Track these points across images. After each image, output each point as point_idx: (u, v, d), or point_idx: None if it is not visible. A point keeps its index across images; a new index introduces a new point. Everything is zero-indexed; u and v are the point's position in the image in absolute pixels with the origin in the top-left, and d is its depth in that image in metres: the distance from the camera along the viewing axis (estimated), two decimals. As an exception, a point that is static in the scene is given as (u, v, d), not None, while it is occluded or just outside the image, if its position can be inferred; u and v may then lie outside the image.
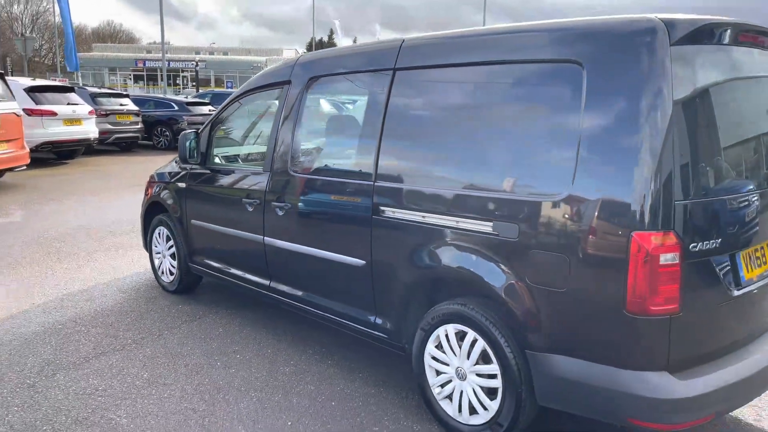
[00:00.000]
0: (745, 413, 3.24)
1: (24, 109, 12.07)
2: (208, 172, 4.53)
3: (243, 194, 4.10)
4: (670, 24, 2.40)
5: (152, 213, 5.23)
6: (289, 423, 3.13)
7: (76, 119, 13.10)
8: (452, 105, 3.06)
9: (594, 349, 2.51)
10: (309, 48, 79.97)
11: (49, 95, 12.99)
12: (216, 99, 20.92)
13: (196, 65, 42.27)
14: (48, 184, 10.74)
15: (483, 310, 2.81)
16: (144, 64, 54.23)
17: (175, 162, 4.96)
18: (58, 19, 64.11)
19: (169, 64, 49.82)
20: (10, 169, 10.37)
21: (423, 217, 3.02)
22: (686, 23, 2.43)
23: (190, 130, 4.62)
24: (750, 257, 2.71)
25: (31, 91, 12.61)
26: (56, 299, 4.90)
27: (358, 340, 3.60)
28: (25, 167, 10.59)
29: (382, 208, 3.20)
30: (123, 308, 4.74)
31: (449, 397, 3.03)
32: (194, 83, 49.19)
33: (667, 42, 2.37)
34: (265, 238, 3.96)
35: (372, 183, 3.26)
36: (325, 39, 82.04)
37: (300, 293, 3.84)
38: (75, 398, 3.35)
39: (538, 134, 2.67)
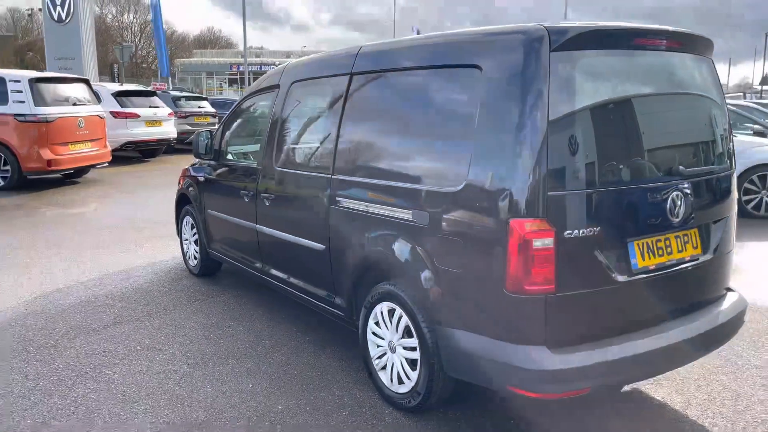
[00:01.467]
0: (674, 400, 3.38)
1: (111, 112, 13.34)
2: (220, 167, 5.08)
3: (243, 186, 4.60)
4: (553, 31, 2.65)
5: (181, 204, 5.86)
6: (251, 386, 3.58)
7: (156, 121, 14.26)
8: (385, 106, 3.41)
9: (484, 325, 2.79)
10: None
11: (133, 99, 14.23)
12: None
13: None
14: (125, 179, 11.83)
15: (405, 290, 3.14)
16: (238, 68, 56.92)
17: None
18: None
19: (260, 68, 52.09)
20: (94, 166, 11.52)
21: (366, 206, 3.38)
22: (567, 30, 2.66)
23: (204, 129, 5.19)
24: (648, 246, 2.89)
25: (117, 95, 13.88)
26: (98, 277, 5.62)
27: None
28: (107, 164, 11.73)
29: (338, 198, 3.58)
30: (150, 287, 5.37)
31: (384, 368, 3.38)
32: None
33: (548, 48, 2.62)
34: (257, 225, 4.44)
35: (330, 176, 3.65)
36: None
37: (282, 275, 4.30)
38: (84, 357, 3.95)
39: (446, 132, 2.98)
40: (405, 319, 3.17)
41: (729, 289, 3.43)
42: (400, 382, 3.26)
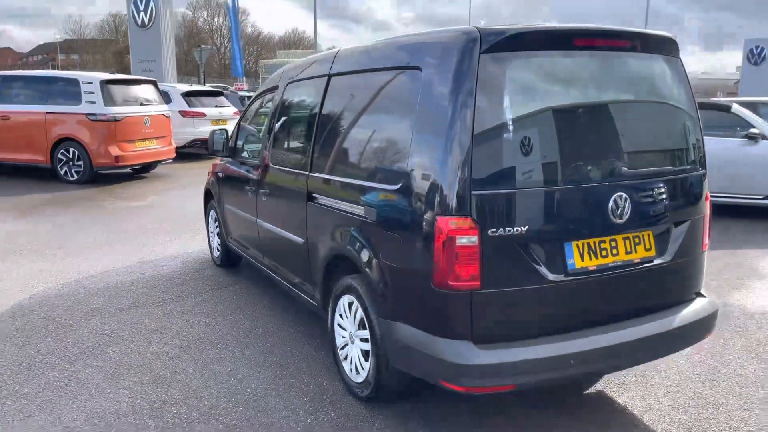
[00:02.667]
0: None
1: (179, 111, 14.10)
2: (234, 164, 5.37)
3: (248, 182, 4.86)
4: (485, 33, 2.70)
5: (207, 199, 6.22)
6: (230, 369, 3.81)
7: (222, 119, 14.93)
8: (349, 107, 3.55)
9: (419, 318, 2.88)
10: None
11: (201, 99, 14.96)
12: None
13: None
14: (187, 175, 12.49)
15: (360, 283, 3.27)
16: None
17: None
18: (250, 29, 70.57)
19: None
20: (159, 162, 12.24)
21: (334, 203, 3.53)
22: (499, 32, 2.71)
23: (219, 128, 5.50)
24: (589, 247, 2.88)
25: (186, 95, 14.64)
26: (131, 265, 6.05)
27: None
28: (171, 160, 12.43)
29: (314, 195, 3.75)
30: (173, 275, 5.74)
31: (346, 358, 3.52)
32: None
33: (479, 50, 2.68)
34: (258, 219, 4.68)
35: (308, 173, 3.83)
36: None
37: (275, 266, 4.53)
38: (92, 336, 4.32)
39: (392, 130, 3.09)
40: (360, 312, 3.30)
41: (699, 294, 3.34)
42: (357, 372, 3.39)
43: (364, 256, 3.19)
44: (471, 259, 2.67)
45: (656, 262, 3.07)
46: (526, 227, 2.72)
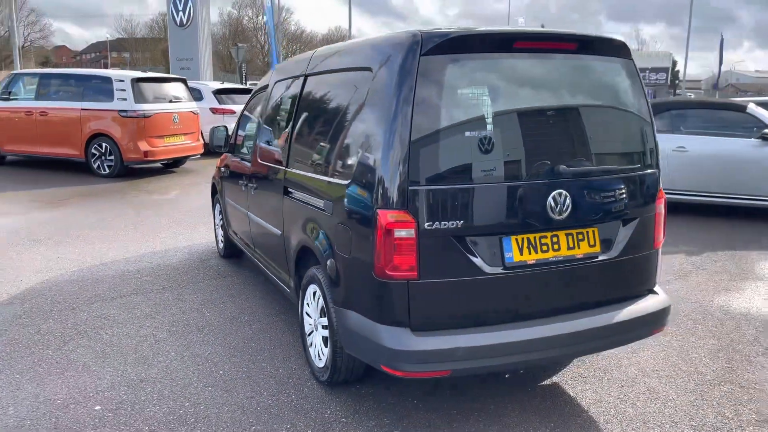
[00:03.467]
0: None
1: (210, 108, 14.54)
2: (233, 159, 5.61)
3: (242, 177, 5.10)
4: (426, 36, 2.85)
5: (214, 192, 6.50)
6: (208, 353, 4.05)
7: (251, 116, 15.32)
8: (318, 105, 3.75)
9: (365, 307, 3.04)
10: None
11: (232, 96, 15.38)
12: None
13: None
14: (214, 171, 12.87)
15: (320, 273, 3.45)
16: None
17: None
18: (293, 27, 71.26)
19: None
20: (187, 157, 12.67)
21: (303, 196, 3.72)
22: (440, 35, 2.85)
23: (221, 125, 5.76)
24: (529, 242, 2.99)
25: (217, 93, 15.07)
26: (142, 254, 6.37)
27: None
28: (199, 156, 12.85)
29: (289, 189, 3.95)
30: (178, 265, 6.03)
31: (312, 344, 3.71)
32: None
33: (419, 52, 2.83)
34: (249, 212, 4.91)
35: (285, 168, 4.03)
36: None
37: (261, 256, 4.76)
38: (90, 319, 4.62)
39: (348, 128, 3.25)
40: (321, 300, 3.48)
41: (651, 291, 3.40)
42: (320, 357, 3.58)
43: (323, 247, 3.37)
44: (408, 250, 2.82)
45: (602, 258, 3.16)
46: (462, 221, 2.86)
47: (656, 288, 3.45)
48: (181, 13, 21.27)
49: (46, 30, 66.36)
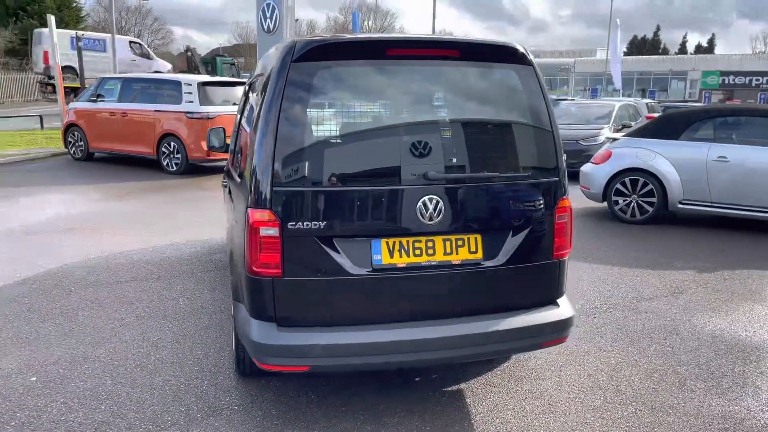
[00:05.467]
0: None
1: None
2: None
3: (225, 176, 5.40)
4: (299, 44, 2.97)
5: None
6: (158, 338, 4.36)
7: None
8: (246, 107, 3.95)
9: (245, 301, 3.20)
10: (631, 45, 75.41)
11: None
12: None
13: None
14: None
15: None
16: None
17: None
18: (397, 31, 72.13)
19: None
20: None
21: (231, 195, 3.94)
22: (310, 43, 2.96)
23: (218, 126, 6.09)
24: (401, 245, 3.03)
25: None
26: (160, 246, 6.85)
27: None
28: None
29: (230, 188, 4.18)
30: (185, 257, 6.45)
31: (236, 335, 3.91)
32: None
33: (290, 59, 2.95)
34: (226, 208, 5.20)
35: (227, 167, 4.27)
36: (650, 36, 76.56)
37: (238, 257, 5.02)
38: (78, 301, 5.08)
39: (248, 131, 3.43)
40: (235, 295, 3.68)
41: (551, 302, 3.31)
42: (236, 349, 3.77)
43: (230, 244, 3.56)
44: (273, 249, 2.95)
45: (486, 265, 3.13)
46: (326, 223, 2.95)
47: (561, 299, 3.35)
48: (268, 20, 22.22)
49: (168, 37, 71.15)
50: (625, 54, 68.60)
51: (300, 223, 2.94)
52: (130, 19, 60.70)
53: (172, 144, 12.36)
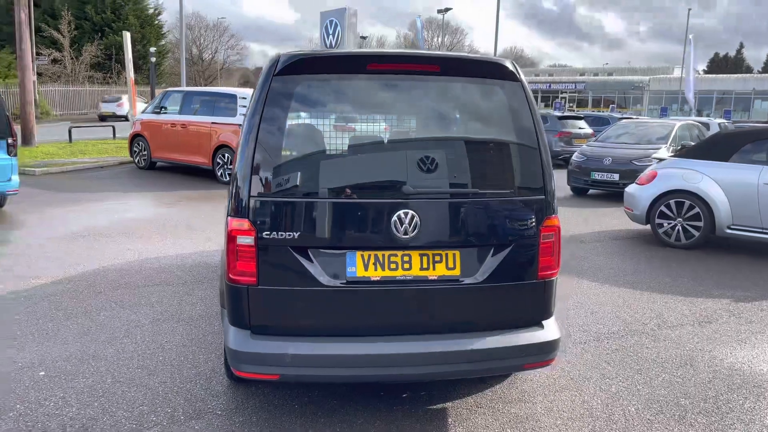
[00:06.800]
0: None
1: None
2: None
3: None
4: (284, 57, 3.04)
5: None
6: (166, 340, 4.50)
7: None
8: None
9: (226, 307, 3.26)
10: (711, 63, 72.40)
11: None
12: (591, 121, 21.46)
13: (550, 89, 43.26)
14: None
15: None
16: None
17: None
18: (467, 48, 72.00)
19: (549, 86, 52.06)
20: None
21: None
22: (293, 57, 3.02)
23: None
24: (376, 259, 3.03)
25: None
26: (192, 252, 7.08)
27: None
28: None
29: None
30: (212, 264, 6.63)
31: (231, 342, 3.98)
32: (571, 105, 50.53)
33: (272, 72, 3.03)
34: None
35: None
36: (732, 54, 73.24)
37: (223, 264, 5.14)
38: (103, 302, 5.31)
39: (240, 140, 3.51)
40: (227, 301, 3.76)
41: (535, 324, 3.22)
42: (228, 354, 3.85)
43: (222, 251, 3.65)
44: (248, 257, 3.01)
45: (464, 282, 3.08)
46: (301, 233, 2.98)
47: (547, 321, 3.26)
48: (331, 37, 22.73)
49: (243, 53, 73.67)
50: (705, 72, 65.98)
51: (275, 232, 2.99)
52: (208, 36, 63.23)
53: (226, 155, 12.76)
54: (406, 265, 3.05)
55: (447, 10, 44.63)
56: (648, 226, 8.25)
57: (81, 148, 17.72)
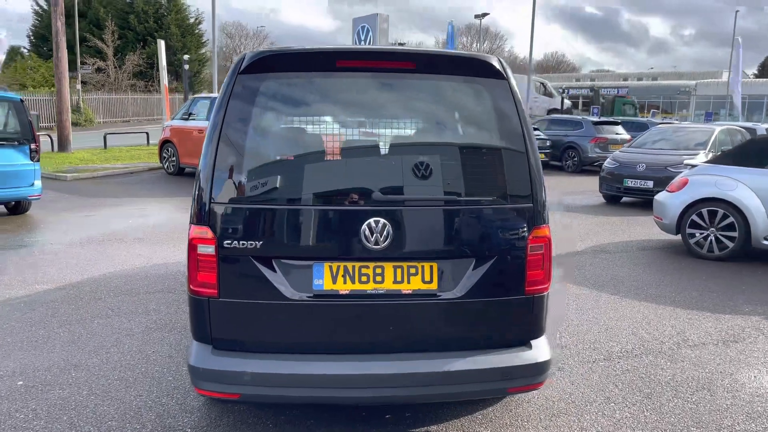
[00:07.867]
0: None
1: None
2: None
3: None
4: (248, 55, 2.86)
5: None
6: (153, 350, 4.35)
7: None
8: None
9: (189, 321, 3.06)
10: (762, 67, 69.89)
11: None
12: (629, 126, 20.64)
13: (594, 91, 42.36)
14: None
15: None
16: (567, 92, 56.66)
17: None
18: (506, 54, 71.25)
19: (588, 91, 50.98)
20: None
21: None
22: (257, 55, 2.83)
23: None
24: (345, 270, 2.80)
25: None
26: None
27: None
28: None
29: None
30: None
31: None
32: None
33: (238, 70, 2.84)
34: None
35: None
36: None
37: None
38: (101, 309, 5.22)
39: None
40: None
41: (522, 344, 2.94)
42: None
43: None
44: (209, 267, 2.82)
45: (442, 296, 2.83)
46: (263, 243, 2.78)
47: (536, 341, 2.97)
48: (362, 42, 22.67)
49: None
50: (756, 76, 63.67)
51: (237, 241, 2.79)
52: (248, 44, 64.09)
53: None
54: (379, 278, 2.82)
55: (484, 15, 44.08)
56: (679, 236, 7.80)
57: (115, 155, 17.99)
